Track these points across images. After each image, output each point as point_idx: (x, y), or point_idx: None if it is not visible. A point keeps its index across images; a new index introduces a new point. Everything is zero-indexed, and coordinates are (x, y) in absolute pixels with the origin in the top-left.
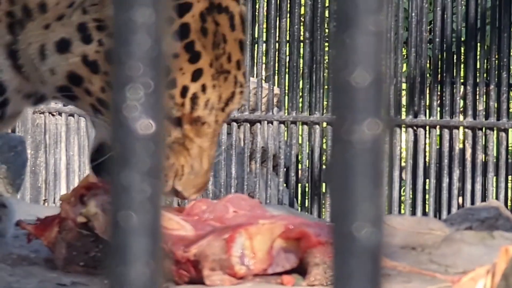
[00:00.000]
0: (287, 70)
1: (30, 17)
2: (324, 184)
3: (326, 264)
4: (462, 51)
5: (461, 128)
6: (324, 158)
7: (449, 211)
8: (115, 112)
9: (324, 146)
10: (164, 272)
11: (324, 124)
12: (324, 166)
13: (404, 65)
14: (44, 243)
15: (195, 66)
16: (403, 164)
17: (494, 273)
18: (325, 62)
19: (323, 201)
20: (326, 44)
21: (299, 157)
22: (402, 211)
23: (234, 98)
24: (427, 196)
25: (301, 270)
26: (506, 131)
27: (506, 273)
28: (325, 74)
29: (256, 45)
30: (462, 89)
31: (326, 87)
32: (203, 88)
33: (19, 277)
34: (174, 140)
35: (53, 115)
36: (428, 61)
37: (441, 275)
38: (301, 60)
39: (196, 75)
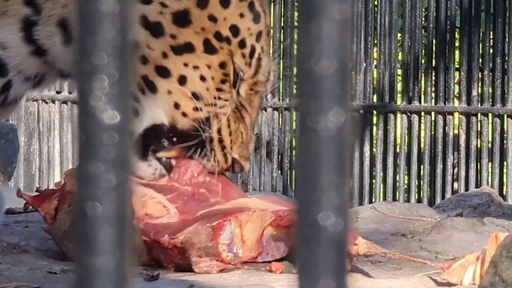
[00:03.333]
0: (280, 56)
1: None
2: None
3: None
4: (457, 36)
5: (455, 114)
6: None
7: (443, 197)
8: (81, 102)
9: None
10: (131, 262)
11: None
12: None
13: (399, 51)
14: (41, 213)
15: (258, 27)
16: (397, 150)
17: (484, 260)
18: None
19: None
20: None
21: (293, 143)
22: (397, 197)
23: (270, 75)
24: (421, 182)
25: (291, 258)
26: (500, 116)
27: (494, 260)
28: None
29: None
30: (456, 75)
31: None
32: (262, 50)
33: (9, 265)
34: (235, 107)
35: (46, 102)
36: (422, 47)
37: (431, 262)
38: (295, 46)
39: (258, 37)
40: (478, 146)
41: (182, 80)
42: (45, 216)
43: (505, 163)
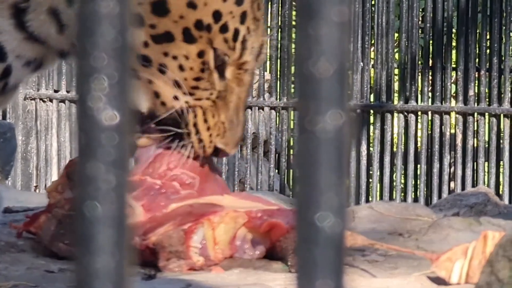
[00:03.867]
0: (278, 55)
1: None
2: None
3: None
4: (453, 36)
5: (452, 114)
6: None
7: (439, 196)
8: (80, 103)
9: None
10: (130, 262)
11: None
12: None
13: (396, 51)
14: (34, 231)
15: (242, 8)
16: (394, 149)
17: (472, 257)
18: None
19: None
20: None
21: (290, 142)
22: (393, 197)
23: (263, 48)
24: (418, 182)
25: (271, 257)
26: (496, 116)
27: (491, 259)
28: None
29: None
30: (453, 75)
31: None
32: (248, 31)
33: (7, 264)
34: (217, 95)
35: (44, 101)
36: (419, 47)
37: (419, 251)
38: (292, 45)
39: (243, 18)
40: (475, 145)
41: (162, 69)
42: (36, 231)
43: (501, 162)
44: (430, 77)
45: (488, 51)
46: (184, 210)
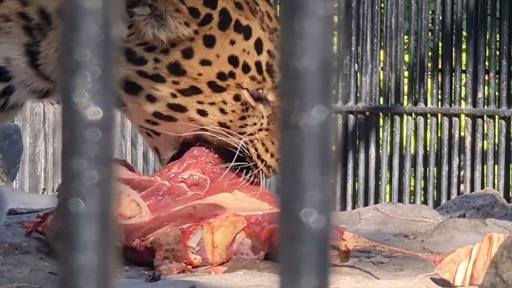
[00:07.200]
0: None
1: (50, 24)
2: None
3: None
4: (463, 39)
5: (461, 116)
6: None
7: (448, 198)
8: (64, 99)
9: None
10: (114, 259)
11: None
12: None
13: (405, 53)
14: (40, 230)
15: (252, 39)
16: (403, 152)
17: (476, 259)
18: None
19: None
20: None
21: None
22: (402, 199)
23: None
24: (427, 184)
25: (276, 258)
26: (506, 118)
27: (495, 260)
28: None
29: None
30: (462, 77)
31: None
32: (269, 54)
33: (11, 266)
34: (268, 120)
35: (52, 103)
36: (428, 50)
37: (422, 253)
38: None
39: (258, 47)
40: (484, 148)
41: (202, 113)
42: (43, 231)
43: (511, 165)
44: (439, 80)
45: (497, 53)
46: (186, 212)
